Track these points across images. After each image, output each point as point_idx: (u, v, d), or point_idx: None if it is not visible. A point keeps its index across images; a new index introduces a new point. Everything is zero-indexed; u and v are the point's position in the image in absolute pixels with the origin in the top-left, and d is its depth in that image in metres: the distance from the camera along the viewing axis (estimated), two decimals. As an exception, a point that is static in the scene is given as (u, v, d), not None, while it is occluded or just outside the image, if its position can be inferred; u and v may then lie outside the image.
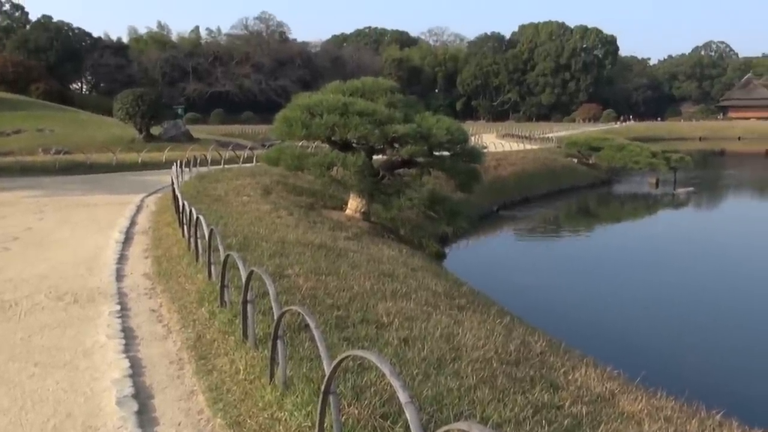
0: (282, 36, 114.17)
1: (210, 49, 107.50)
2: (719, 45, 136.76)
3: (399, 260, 12.12)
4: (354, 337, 5.97)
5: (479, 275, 15.48)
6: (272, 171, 21.64)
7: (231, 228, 11.64)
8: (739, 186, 43.70)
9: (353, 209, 17.63)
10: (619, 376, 6.69)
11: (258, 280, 6.18)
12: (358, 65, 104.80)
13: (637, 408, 5.33)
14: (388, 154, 17.25)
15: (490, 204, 28.03)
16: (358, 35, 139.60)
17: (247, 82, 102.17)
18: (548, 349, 7.04)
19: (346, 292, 7.68)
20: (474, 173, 18.05)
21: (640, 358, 9.90)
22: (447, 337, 6.38)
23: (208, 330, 6.62)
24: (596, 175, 40.91)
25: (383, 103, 16.80)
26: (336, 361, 3.59)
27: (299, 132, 16.36)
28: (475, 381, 5.16)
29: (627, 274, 18.03)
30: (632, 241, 24.53)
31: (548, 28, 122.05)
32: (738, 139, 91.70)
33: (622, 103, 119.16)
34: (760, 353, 11.78)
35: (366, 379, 4.84)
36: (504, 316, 8.95)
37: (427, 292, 8.98)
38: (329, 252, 10.66)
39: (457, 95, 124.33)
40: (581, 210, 33.36)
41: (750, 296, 15.79)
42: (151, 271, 9.69)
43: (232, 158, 29.06)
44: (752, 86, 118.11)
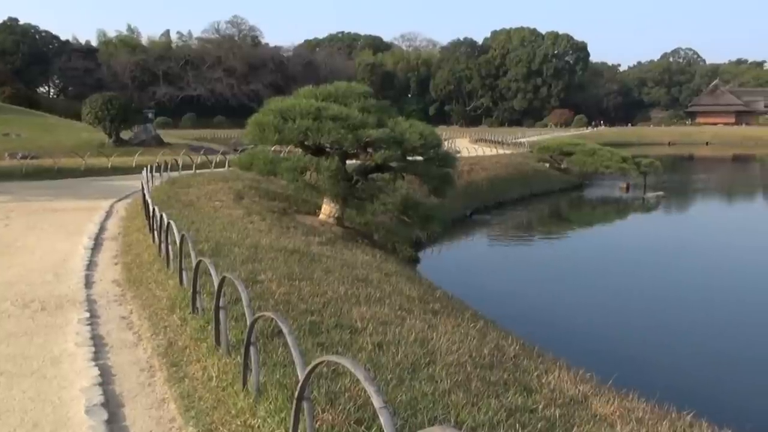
0: (254, 40, 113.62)
1: (181, 52, 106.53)
2: (687, 52, 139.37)
3: (373, 265, 12.10)
4: (328, 343, 5.94)
5: (453, 280, 15.53)
6: (244, 176, 21.49)
7: (203, 233, 11.52)
8: (708, 190, 44.52)
9: (327, 214, 17.58)
10: (591, 378, 6.74)
11: (230, 286, 6.12)
12: (331, 70, 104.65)
13: (609, 410, 5.38)
14: (362, 158, 17.24)
15: (463, 208, 28.16)
16: (331, 40, 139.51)
17: (219, 86, 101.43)
18: (522, 353, 7.08)
19: (319, 298, 7.64)
20: (447, 178, 18.12)
21: (612, 361, 10.01)
22: (421, 341, 6.37)
23: (179, 337, 6.53)
24: (568, 180, 41.36)
25: (356, 108, 16.78)
26: (310, 367, 3.56)
27: (272, 136, 16.28)
28: (449, 385, 5.16)
29: (599, 277, 18.24)
30: (604, 245, 24.83)
31: (520, 34, 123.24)
32: (706, 144, 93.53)
33: (592, 108, 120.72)
34: (729, 354, 11.99)
35: (340, 384, 4.81)
36: (478, 320, 8.98)
37: (401, 296, 8.97)
38: (303, 257, 10.61)
39: (430, 100, 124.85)
40: (554, 214, 33.68)
41: (718, 298, 16.07)
42: (121, 278, 9.55)
43: (204, 163, 28.82)
44: (719, 92, 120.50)
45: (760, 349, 12.33)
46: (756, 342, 12.71)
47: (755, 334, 13.16)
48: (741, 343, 12.62)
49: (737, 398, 9.79)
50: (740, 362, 11.58)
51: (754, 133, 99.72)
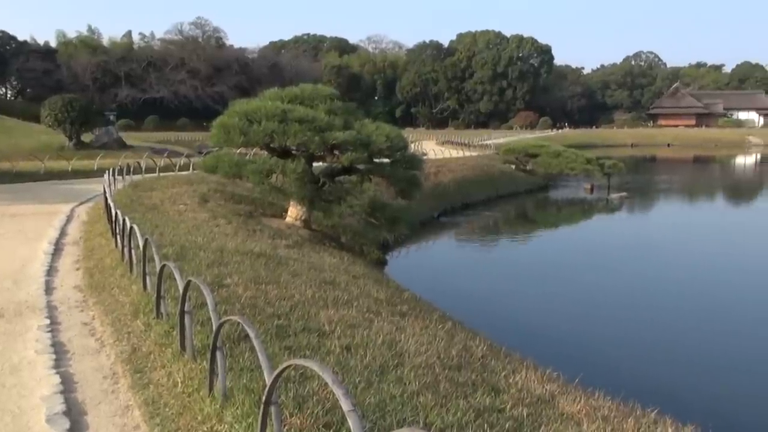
0: (218, 42, 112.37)
1: (143, 54, 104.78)
2: (648, 55, 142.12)
3: (340, 268, 12.07)
4: (295, 346, 5.90)
5: (421, 281, 15.57)
6: (209, 179, 21.27)
7: (167, 237, 11.37)
8: (670, 191, 45.43)
9: (293, 217, 17.48)
10: (558, 377, 6.81)
11: (196, 290, 6.04)
12: (297, 72, 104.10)
13: (576, 408, 5.44)
14: (329, 161, 17.19)
15: (430, 210, 28.27)
16: (297, 42, 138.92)
17: (183, 88, 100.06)
18: (489, 353, 7.12)
19: (287, 301, 7.59)
20: (414, 180, 18.18)
21: (578, 360, 10.13)
22: (389, 343, 6.37)
23: (143, 342, 6.43)
24: (534, 181, 41.82)
25: (323, 110, 16.74)
26: (277, 371, 3.54)
27: (237, 139, 16.14)
28: (417, 387, 5.17)
29: (565, 277, 18.46)
30: (569, 245, 25.16)
31: (485, 37, 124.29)
32: (667, 145, 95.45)
33: (557, 110, 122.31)
34: (692, 352, 12.24)
35: (308, 388, 4.79)
36: (446, 321, 9.01)
37: (369, 299, 8.96)
38: (269, 260, 10.54)
39: (397, 102, 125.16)
40: (520, 215, 34.02)
41: (682, 297, 16.39)
42: (83, 284, 9.37)
43: (168, 166, 28.41)
44: (680, 95, 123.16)
45: (722, 347, 12.61)
46: (718, 340, 13.00)
47: (718, 333, 13.45)
48: (704, 341, 12.89)
49: (700, 395, 9.99)
50: (703, 360, 11.83)
51: (714, 135, 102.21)
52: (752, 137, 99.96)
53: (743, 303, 15.65)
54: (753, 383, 10.63)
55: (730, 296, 16.37)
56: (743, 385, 10.55)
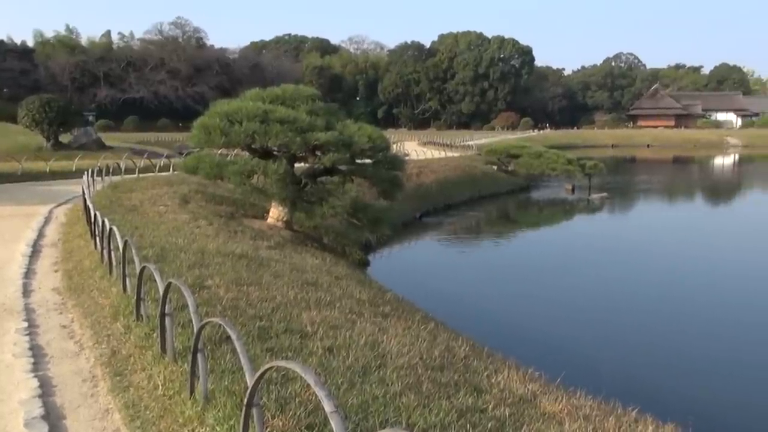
0: (199, 42, 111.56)
1: (123, 54, 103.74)
2: (628, 56, 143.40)
3: (323, 269, 12.05)
4: (277, 348, 5.88)
5: (403, 282, 15.58)
6: (190, 180, 21.12)
7: (147, 239, 11.28)
8: (650, 191, 45.88)
9: (275, 218, 17.42)
10: (540, 377, 6.85)
11: (176, 292, 6.00)
12: (278, 72, 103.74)
13: (557, 408, 5.47)
14: (310, 161, 17.15)
15: (412, 211, 28.30)
16: (278, 42, 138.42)
17: (163, 88, 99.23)
18: (472, 354, 7.14)
19: (268, 303, 7.56)
20: (396, 180, 18.18)
21: (560, 359, 10.19)
22: (372, 344, 6.37)
23: (123, 345, 6.37)
24: (515, 182, 42.03)
25: (304, 111, 16.69)
26: (259, 373, 3.52)
27: (218, 140, 16.04)
28: (400, 387, 5.17)
29: (546, 277, 18.57)
30: (551, 245, 25.32)
31: (467, 38, 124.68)
32: (647, 146, 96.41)
33: (538, 111, 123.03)
34: (672, 350, 12.36)
35: (290, 390, 4.77)
36: (428, 322, 9.03)
37: (351, 300, 8.95)
38: (251, 262, 10.49)
39: (379, 103, 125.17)
40: (501, 216, 34.17)
41: (662, 296, 16.56)
42: (62, 286, 9.26)
43: (148, 167, 28.16)
44: (659, 96, 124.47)
45: (701, 347, 12.76)
46: (697, 340, 13.15)
47: (697, 333, 13.62)
48: (683, 341, 13.03)
49: (680, 394, 10.09)
50: (682, 359, 11.95)
51: (693, 136, 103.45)
52: (730, 138, 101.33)
53: (721, 304, 15.84)
54: (730, 382, 10.76)
55: (709, 297, 16.56)
56: (721, 384, 10.68)
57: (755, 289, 16.91)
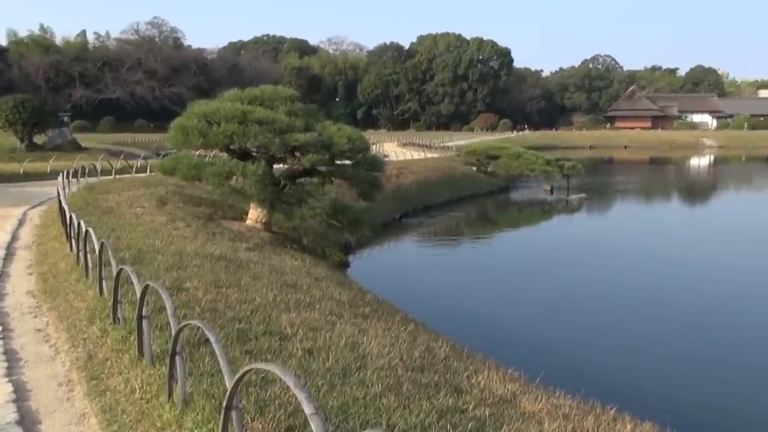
0: (176, 42, 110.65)
1: (98, 54, 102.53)
2: (605, 58, 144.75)
3: (302, 270, 12.00)
4: (257, 350, 5.85)
5: (383, 283, 15.57)
6: (167, 181, 20.93)
7: (124, 241, 11.16)
8: (627, 192, 46.34)
9: (254, 219, 17.32)
10: (520, 377, 6.88)
11: (154, 294, 5.94)
12: (257, 73, 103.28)
13: (537, 407, 5.49)
14: (289, 162, 17.08)
15: (392, 212, 28.31)
16: (256, 42, 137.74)
17: (140, 88, 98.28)
18: (452, 354, 7.15)
19: (248, 305, 7.52)
20: (376, 182, 18.17)
21: (540, 359, 10.25)
22: (352, 346, 6.35)
23: (100, 349, 6.30)
24: (494, 183, 42.22)
25: (283, 112, 16.61)
26: (238, 375, 3.49)
27: (196, 141, 15.91)
28: (380, 389, 5.16)
29: (525, 278, 18.68)
30: (530, 246, 25.47)
31: (446, 39, 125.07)
32: (624, 147, 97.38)
33: (517, 113, 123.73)
34: (649, 350, 12.48)
35: (270, 392, 4.75)
36: (408, 323, 9.03)
37: (331, 301, 8.93)
38: (230, 264, 10.42)
39: (358, 104, 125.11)
40: (481, 216, 34.31)
41: (640, 296, 16.72)
42: (36, 289, 9.13)
43: (124, 168, 27.86)
44: (636, 98, 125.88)
45: (679, 344, 12.90)
46: (675, 338, 13.30)
47: (675, 331, 13.77)
48: (661, 339, 13.17)
49: (657, 392, 10.20)
50: (660, 358, 12.08)
51: (669, 137, 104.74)
52: (706, 139, 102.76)
53: (696, 304, 16.06)
54: (707, 381, 10.91)
55: (685, 298, 16.77)
56: (698, 383, 10.82)
57: (731, 290, 17.13)
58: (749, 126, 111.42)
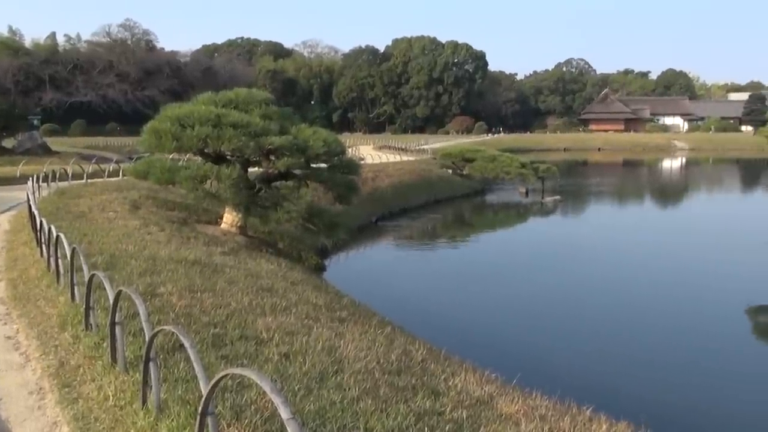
0: (149, 44, 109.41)
1: (69, 56, 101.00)
2: (579, 62, 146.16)
3: (278, 274, 11.94)
4: (232, 355, 5.80)
5: (360, 286, 15.55)
6: (140, 185, 20.69)
7: (96, 246, 11.01)
8: (601, 194, 46.87)
9: (229, 223, 17.19)
10: (497, 379, 6.90)
11: (127, 300, 5.86)
12: (231, 76, 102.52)
13: (514, 409, 5.52)
14: (265, 166, 16.98)
15: (369, 215, 28.30)
16: (230, 45, 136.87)
17: (112, 91, 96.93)
18: (429, 357, 7.16)
19: (223, 309, 7.46)
20: (352, 185, 18.15)
21: (516, 361, 10.30)
22: (329, 350, 6.33)
23: (72, 355, 6.20)
24: (470, 185, 42.42)
25: (258, 115, 16.53)
26: (213, 381, 3.45)
27: (169, 144, 15.75)
28: (358, 392, 5.15)
29: (502, 280, 18.78)
30: (506, 248, 25.62)
31: (421, 42, 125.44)
32: (598, 150, 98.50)
33: (492, 116, 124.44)
34: (624, 351, 12.62)
35: (246, 397, 4.71)
36: (385, 326, 9.03)
37: (307, 305, 8.89)
38: (204, 268, 10.33)
39: (334, 107, 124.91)
40: (457, 219, 34.44)
41: (614, 297, 16.91)
42: (6, 295, 8.96)
43: (96, 172, 27.48)
44: (609, 101, 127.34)
45: (651, 345, 13.06)
46: (648, 339, 13.47)
47: (649, 332, 13.95)
48: (635, 340, 13.32)
49: (632, 392, 10.31)
50: (635, 358, 12.21)
51: (642, 140, 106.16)
52: (677, 141, 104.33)
53: (669, 305, 16.26)
54: (680, 381, 11.05)
55: (658, 299, 16.97)
56: (671, 383, 10.95)
57: (703, 295, 17.35)
58: (717, 128, 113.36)
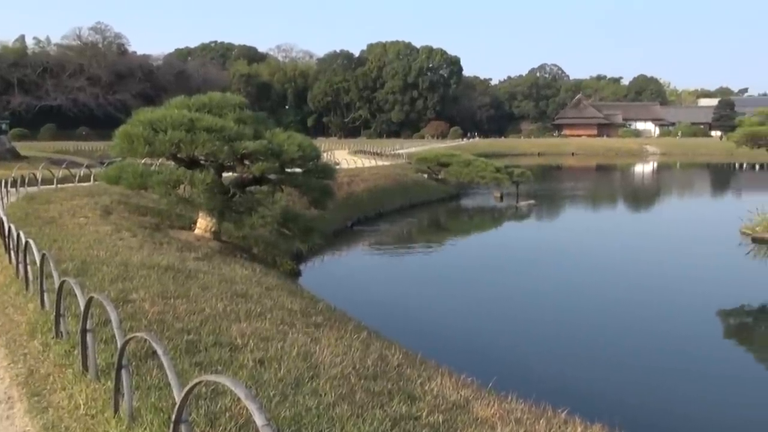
0: (120, 48, 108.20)
1: (38, 59, 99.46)
2: (552, 67, 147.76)
3: (253, 280, 11.85)
4: (206, 362, 5.74)
5: (335, 291, 15.50)
6: (112, 190, 20.42)
7: (67, 252, 10.84)
8: (575, 198, 47.35)
9: (203, 228, 17.04)
10: (472, 383, 6.91)
11: (99, 306, 5.77)
12: (205, 80, 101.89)
13: (490, 413, 5.53)
14: (239, 171, 16.87)
15: (344, 220, 28.25)
16: (204, 49, 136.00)
17: (82, 95, 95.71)
18: (405, 362, 7.15)
19: (197, 315, 7.38)
20: (327, 189, 18.10)
21: (492, 364, 10.34)
22: (304, 355, 6.30)
23: (42, 364, 6.09)
24: (445, 190, 42.58)
25: (232, 119, 16.42)
26: (187, 388, 3.41)
27: (141, 149, 15.57)
28: (333, 398, 5.13)
29: (477, 284, 18.84)
30: (481, 252, 25.74)
31: (396, 47, 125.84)
32: (572, 154, 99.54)
33: (467, 120, 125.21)
34: (599, 353, 12.74)
35: (220, 404, 4.67)
36: (361, 331, 9.00)
37: (282, 311, 8.83)
38: (178, 274, 10.22)
39: (308, 112, 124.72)
40: (433, 223, 34.53)
41: (588, 300, 17.07)
42: (-27, 303, 8.74)
43: (67, 177, 27.05)
44: (582, 106, 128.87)
45: (626, 347, 13.20)
46: (622, 341, 13.62)
47: (622, 335, 14.10)
48: (610, 343, 13.45)
49: (607, 394, 10.41)
50: (609, 360, 12.33)
51: (614, 144, 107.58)
52: (649, 146, 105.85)
53: (644, 304, 16.46)
54: (655, 382, 11.17)
55: (633, 299, 17.17)
56: (645, 385, 11.08)
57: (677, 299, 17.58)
58: (687, 134, 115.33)
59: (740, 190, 52.97)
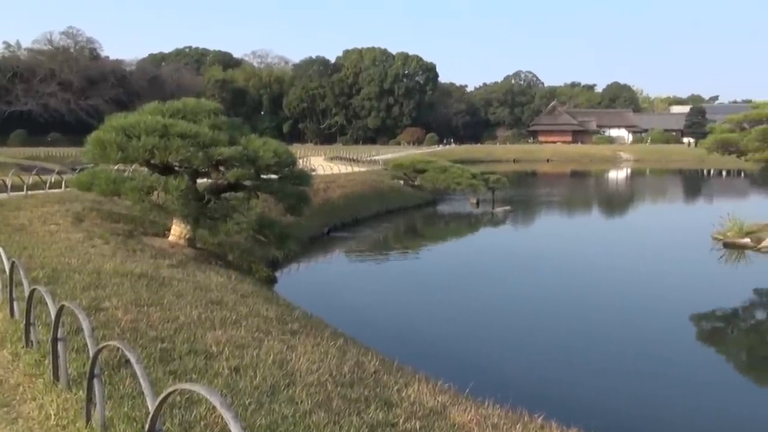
0: (92, 53, 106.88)
1: (8, 64, 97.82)
2: (527, 74, 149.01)
3: (228, 287, 11.76)
4: (181, 370, 5.67)
5: (312, 298, 15.43)
6: (84, 197, 20.13)
7: (37, 260, 10.66)
8: (550, 204, 47.77)
9: (177, 235, 16.87)
10: (449, 389, 6.92)
11: (70, 315, 5.67)
12: (179, 85, 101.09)
13: (467, 418, 5.53)
14: (214, 177, 16.74)
15: (320, 226, 28.17)
16: (178, 54, 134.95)
17: (53, 101, 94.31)
18: (382, 368, 7.14)
19: (171, 323, 7.30)
20: (303, 196, 18.03)
21: (468, 370, 10.35)
22: (280, 363, 6.25)
23: (11, 374, 5.97)
24: (422, 196, 42.68)
25: (207, 125, 16.29)
26: (161, 397, 3.36)
27: (114, 155, 15.37)
28: (310, 405, 5.10)
29: (454, 290, 18.88)
30: (457, 259, 25.81)
31: (371, 53, 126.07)
32: (547, 161, 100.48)
33: (443, 127, 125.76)
34: (575, 358, 12.82)
35: (195, 413, 4.61)
36: (338, 338, 8.97)
37: (258, 318, 8.77)
38: (151, 281, 10.10)
39: (284, 118, 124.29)
40: (409, 230, 34.57)
41: (564, 305, 17.18)
42: (-60, 312, 8.54)
43: (37, 183, 26.62)
44: (557, 113, 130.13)
45: (601, 352, 13.32)
46: (598, 346, 13.74)
47: (598, 340, 14.22)
48: (585, 348, 13.55)
49: (583, 398, 10.48)
50: (585, 365, 12.42)
51: (589, 151, 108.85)
52: (623, 153, 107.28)
53: (619, 310, 16.63)
54: (630, 387, 11.28)
55: (607, 304, 17.33)
56: (621, 390, 11.18)
57: (652, 304, 17.78)
58: (659, 140, 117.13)
59: (711, 196, 53.89)
